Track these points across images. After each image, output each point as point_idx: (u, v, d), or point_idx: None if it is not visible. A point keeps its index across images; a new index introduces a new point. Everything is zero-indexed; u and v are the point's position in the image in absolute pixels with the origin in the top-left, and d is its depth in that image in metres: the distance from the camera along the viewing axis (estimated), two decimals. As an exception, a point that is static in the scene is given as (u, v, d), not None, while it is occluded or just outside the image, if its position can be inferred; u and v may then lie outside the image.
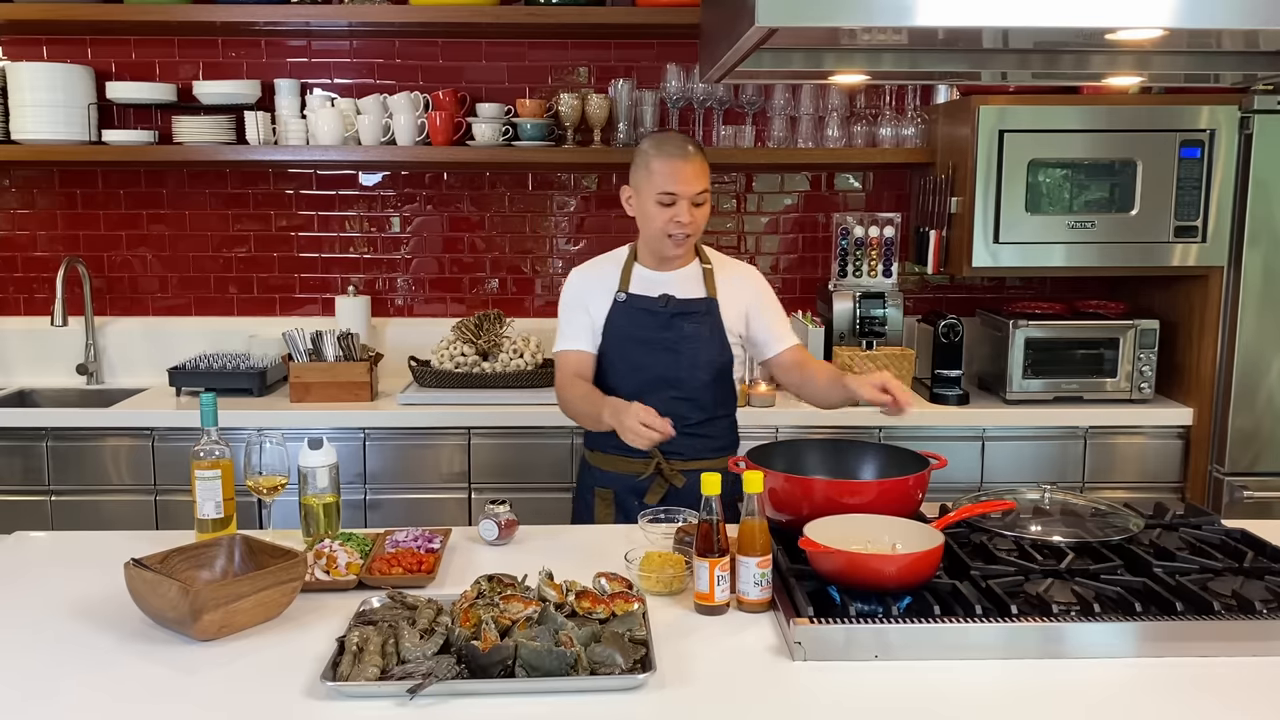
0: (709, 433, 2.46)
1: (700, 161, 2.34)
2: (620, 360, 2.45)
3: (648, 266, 2.47)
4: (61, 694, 1.49)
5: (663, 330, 2.41)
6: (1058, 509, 2.03)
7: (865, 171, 3.72)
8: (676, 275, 2.46)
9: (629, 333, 2.43)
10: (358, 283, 3.70)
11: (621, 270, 2.47)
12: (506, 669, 1.48)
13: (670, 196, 2.32)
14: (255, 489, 2.08)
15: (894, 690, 1.50)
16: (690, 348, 2.41)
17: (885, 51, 2.25)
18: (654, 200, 2.33)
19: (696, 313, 2.43)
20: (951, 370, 3.35)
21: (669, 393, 2.39)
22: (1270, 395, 3.17)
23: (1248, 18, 1.64)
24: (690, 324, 2.42)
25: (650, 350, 2.42)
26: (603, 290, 2.46)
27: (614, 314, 2.44)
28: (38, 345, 3.65)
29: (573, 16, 3.33)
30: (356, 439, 3.16)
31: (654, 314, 2.42)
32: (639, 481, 2.42)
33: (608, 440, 2.40)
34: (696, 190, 2.32)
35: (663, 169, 2.32)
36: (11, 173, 3.63)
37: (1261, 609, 1.64)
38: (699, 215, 2.36)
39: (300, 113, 3.50)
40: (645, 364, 2.42)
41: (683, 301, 2.43)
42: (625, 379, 2.43)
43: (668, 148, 2.34)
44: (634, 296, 2.44)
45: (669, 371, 2.41)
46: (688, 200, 2.32)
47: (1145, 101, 3.19)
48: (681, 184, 2.31)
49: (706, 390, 2.45)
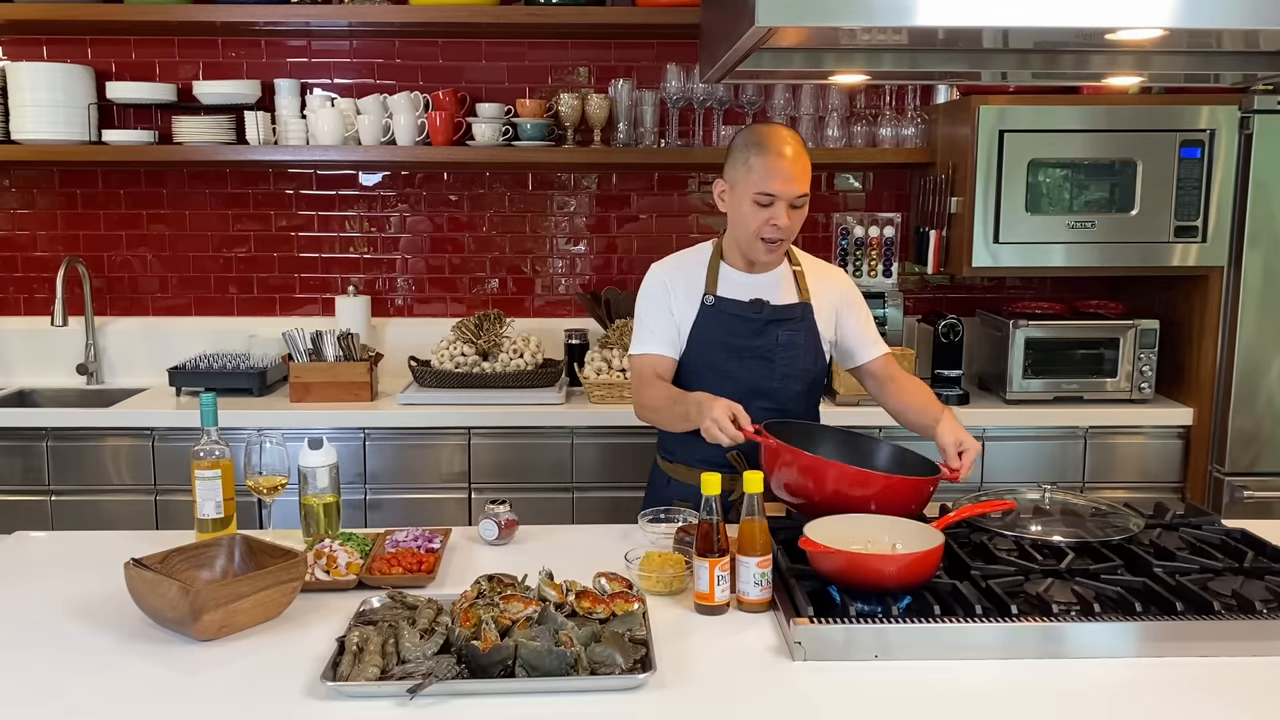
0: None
1: (804, 161, 2.16)
2: (708, 369, 2.27)
3: (736, 267, 2.29)
4: (61, 694, 1.49)
5: (755, 337, 2.25)
6: (1058, 509, 2.03)
7: (865, 171, 3.72)
8: (768, 278, 2.29)
9: (719, 339, 2.26)
10: (358, 283, 3.70)
11: (707, 269, 2.30)
12: (506, 669, 1.48)
13: (769, 198, 2.14)
14: (255, 489, 2.08)
15: (894, 690, 1.50)
16: (785, 356, 2.26)
17: (885, 51, 2.25)
18: (750, 199, 2.15)
19: (792, 319, 2.27)
20: (951, 370, 3.35)
21: (760, 403, 2.20)
22: (1270, 395, 3.17)
23: (1248, 18, 1.64)
24: (785, 331, 2.26)
25: (741, 359, 2.25)
26: (688, 290, 2.28)
27: (702, 318, 2.27)
28: (38, 345, 3.65)
29: (573, 16, 3.33)
30: (356, 439, 3.16)
31: (746, 320, 2.26)
32: (727, 500, 2.18)
33: (692, 453, 2.28)
34: (798, 193, 2.15)
35: (762, 166, 2.13)
36: (11, 173, 3.63)
37: (1261, 609, 1.64)
38: (796, 219, 2.18)
39: (300, 113, 3.50)
40: (736, 373, 2.25)
41: (778, 308, 2.27)
42: (713, 389, 2.18)
43: (772, 143, 2.15)
44: (723, 300, 2.27)
45: (761, 382, 2.26)
46: (786, 202, 2.14)
47: (1145, 101, 3.19)
48: (782, 184, 2.13)
49: (799, 401, 2.31)
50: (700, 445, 2.14)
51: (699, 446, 2.14)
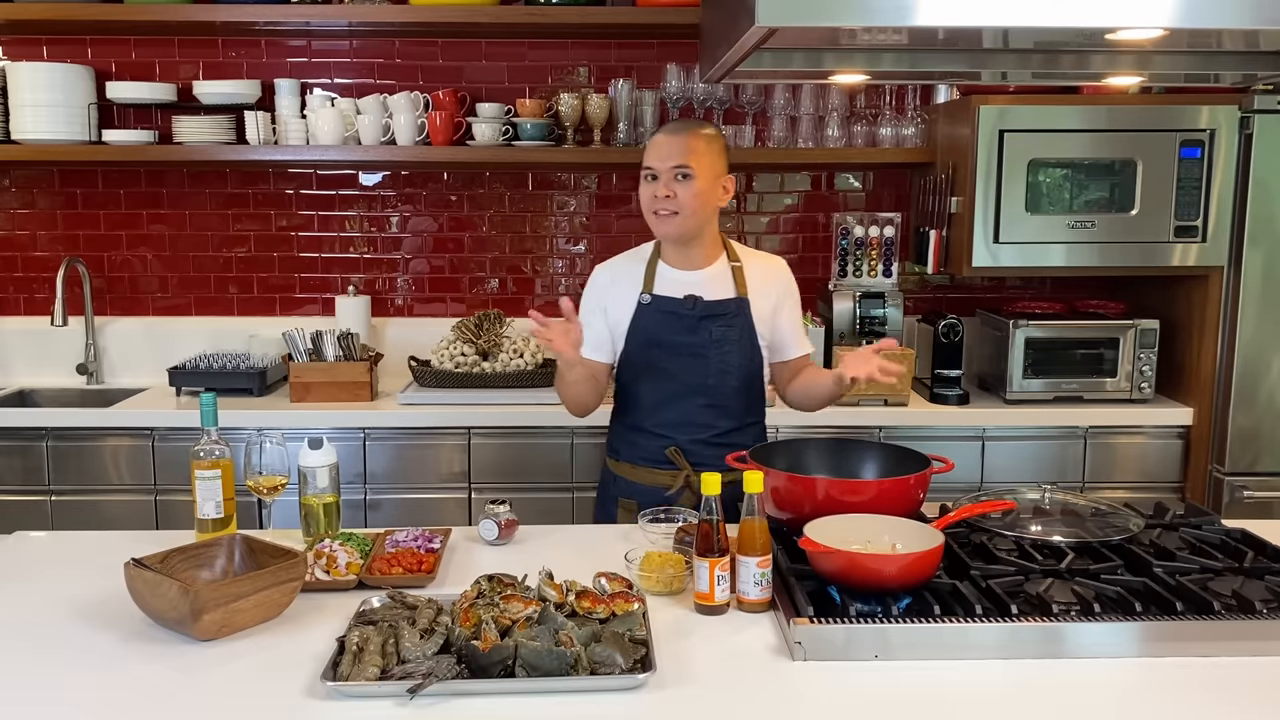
0: (739, 441, 2.28)
1: (688, 138, 2.23)
2: (645, 367, 2.32)
3: (672, 265, 2.33)
4: (61, 694, 1.49)
5: (689, 334, 2.29)
6: (1058, 509, 2.03)
7: (865, 171, 3.72)
8: (704, 274, 2.32)
9: (655, 337, 2.30)
10: (358, 283, 3.70)
11: (645, 269, 2.34)
12: (506, 669, 1.48)
13: (649, 170, 2.25)
14: (255, 489, 2.08)
15: (894, 690, 1.50)
16: (719, 353, 2.29)
17: (885, 51, 2.25)
18: (642, 180, 2.28)
19: (726, 314, 2.30)
20: (951, 370, 3.35)
21: (698, 400, 2.29)
22: (1270, 395, 3.17)
23: (1248, 18, 1.64)
24: (719, 327, 2.29)
25: (677, 355, 2.29)
26: (627, 290, 2.33)
27: (639, 316, 2.32)
28: (38, 345, 3.65)
29: (573, 16, 3.33)
30: (356, 439, 3.16)
31: (680, 317, 2.29)
32: (669, 495, 2.28)
33: (635, 451, 2.34)
34: (675, 163, 2.21)
35: (649, 146, 2.27)
36: (11, 173, 3.63)
37: (1261, 609, 1.64)
38: (684, 192, 2.22)
39: (300, 113, 3.50)
40: (672, 370, 2.30)
41: (711, 303, 2.30)
42: (651, 386, 2.31)
43: (662, 128, 2.32)
44: (659, 298, 2.31)
45: (697, 378, 2.29)
46: (668, 173, 2.22)
47: (1145, 101, 3.19)
48: (658, 159, 2.23)
49: (737, 397, 2.33)
50: (641, 443, 2.28)
51: (640, 445, 2.27)
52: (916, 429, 3.19)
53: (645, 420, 2.34)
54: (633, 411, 2.37)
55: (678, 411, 2.31)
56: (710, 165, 2.25)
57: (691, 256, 2.33)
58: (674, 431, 2.32)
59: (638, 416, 2.35)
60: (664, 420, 2.32)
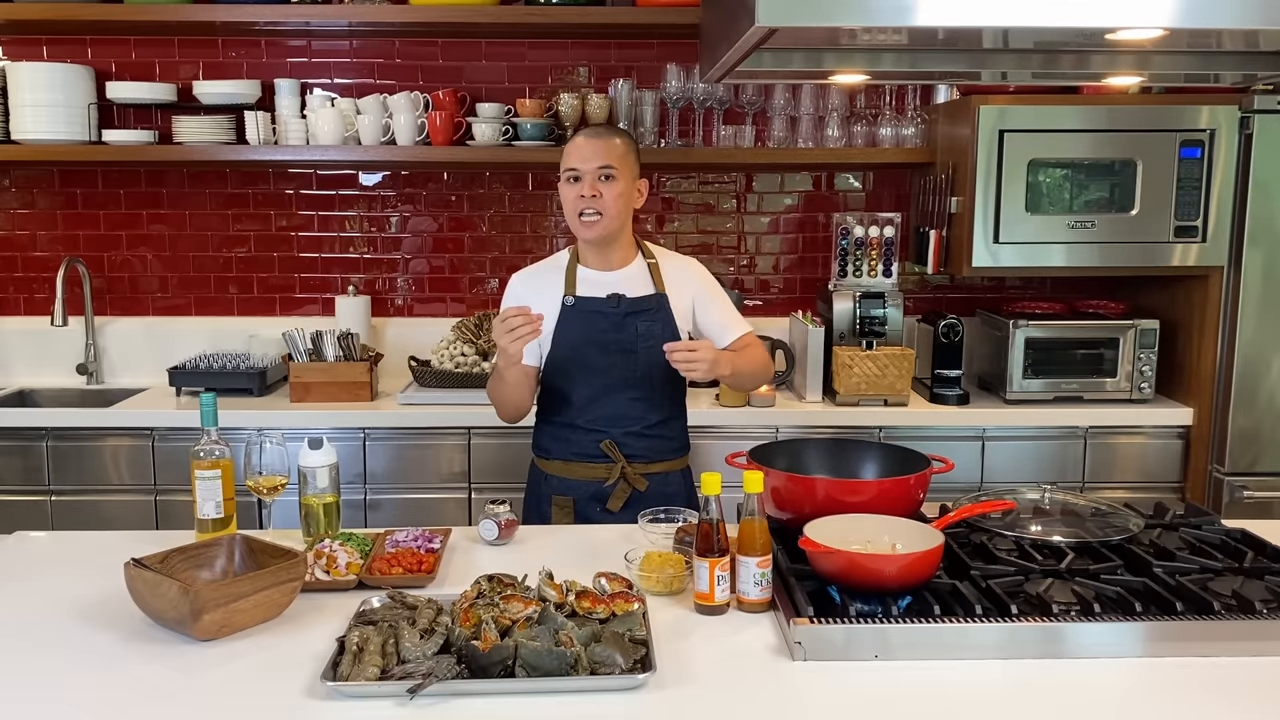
0: (666, 434, 2.43)
1: (609, 142, 2.31)
2: (576, 367, 2.38)
3: (591, 267, 2.41)
4: (62, 694, 1.49)
5: (617, 331, 2.36)
6: (1058, 509, 2.03)
7: (865, 171, 3.72)
8: (623, 274, 2.40)
9: (583, 336, 2.36)
10: (358, 283, 3.70)
11: (565, 274, 2.41)
12: (506, 669, 1.48)
13: (572, 172, 2.31)
14: (255, 489, 2.08)
15: (894, 690, 1.50)
16: (645, 347, 2.36)
17: (885, 51, 2.25)
18: (564, 182, 2.33)
19: (649, 310, 2.38)
20: (951, 370, 3.35)
21: (628, 394, 2.37)
22: (1270, 395, 3.17)
23: (1248, 18, 1.64)
24: (644, 322, 2.37)
25: (606, 353, 2.36)
26: (547, 296, 2.37)
27: (564, 319, 2.37)
28: (38, 345, 3.65)
29: (573, 16, 3.33)
30: (356, 439, 3.16)
31: (606, 315, 2.36)
32: (604, 488, 2.37)
33: (568, 448, 2.40)
34: (598, 164, 2.28)
35: (568, 149, 2.33)
36: (11, 173, 3.63)
37: (1261, 609, 1.64)
38: (608, 192, 2.29)
39: (300, 113, 3.50)
40: (602, 368, 2.36)
41: (633, 300, 2.37)
42: (582, 386, 2.38)
43: (581, 131, 2.37)
44: (583, 299, 2.37)
45: (627, 374, 2.37)
46: (592, 174, 2.28)
47: (1145, 101, 3.19)
48: (581, 160, 2.30)
49: (663, 390, 2.41)
50: (574, 440, 2.35)
51: (573, 441, 2.34)
52: (916, 429, 3.19)
53: (578, 417, 2.40)
54: (563, 410, 2.42)
55: (611, 406, 2.37)
56: (630, 167, 2.35)
57: (610, 258, 2.40)
58: (608, 425, 2.38)
59: (569, 414, 2.41)
60: (597, 416, 2.39)
